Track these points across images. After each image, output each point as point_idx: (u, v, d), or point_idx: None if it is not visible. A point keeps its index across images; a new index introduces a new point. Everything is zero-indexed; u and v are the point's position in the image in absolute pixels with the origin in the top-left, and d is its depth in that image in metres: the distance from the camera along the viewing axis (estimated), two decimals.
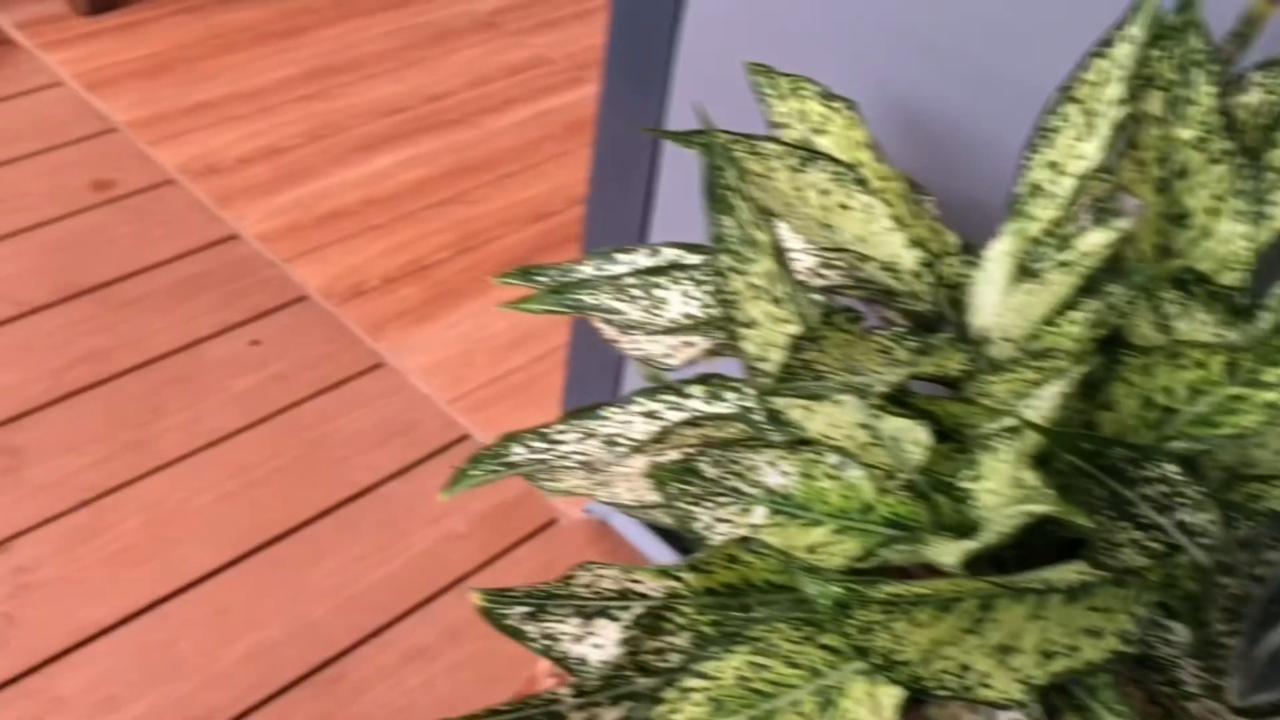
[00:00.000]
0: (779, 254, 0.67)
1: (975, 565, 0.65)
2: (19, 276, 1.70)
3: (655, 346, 0.85)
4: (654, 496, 0.82)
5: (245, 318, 1.70)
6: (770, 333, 0.66)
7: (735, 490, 0.74)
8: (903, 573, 0.79)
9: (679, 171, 1.20)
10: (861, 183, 0.73)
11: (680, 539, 1.40)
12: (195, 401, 1.57)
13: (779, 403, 0.68)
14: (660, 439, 0.72)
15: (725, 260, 0.66)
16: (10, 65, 2.10)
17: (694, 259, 0.88)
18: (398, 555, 1.43)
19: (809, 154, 0.74)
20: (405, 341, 1.71)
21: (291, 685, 1.29)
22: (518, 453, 0.75)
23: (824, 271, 0.83)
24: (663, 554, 1.41)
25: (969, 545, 0.61)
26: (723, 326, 0.80)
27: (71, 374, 1.57)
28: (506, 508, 1.50)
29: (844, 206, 0.74)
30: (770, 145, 0.74)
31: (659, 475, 0.74)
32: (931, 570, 0.77)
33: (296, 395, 1.60)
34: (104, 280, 1.72)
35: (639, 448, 0.73)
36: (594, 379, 1.40)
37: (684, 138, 0.74)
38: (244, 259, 1.80)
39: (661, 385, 0.79)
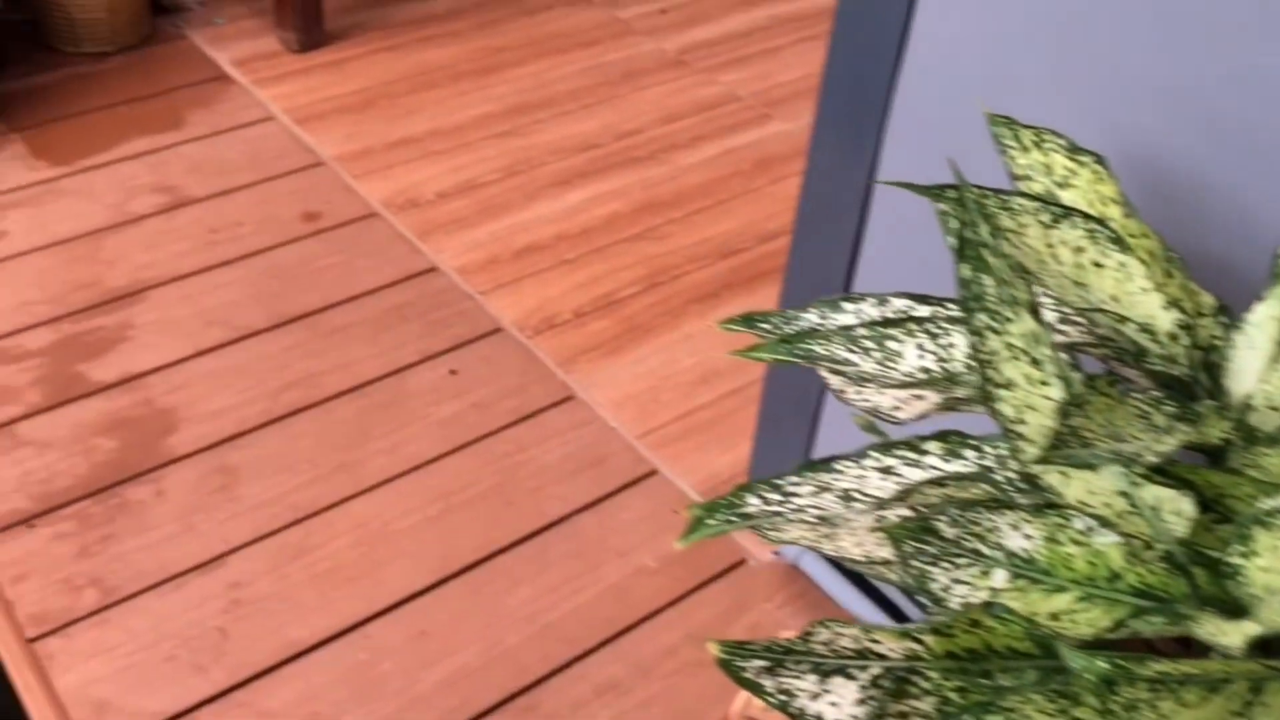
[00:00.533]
0: (1038, 313, 0.66)
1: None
2: (236, 302, 1.80)
3: (883, 399, 0.84)
4: (883, 552, 0.81)
5: (445, 347, 1.76)
6: (1029, 395, 0.64)
7: (975, 552, 0.72)
8: (1148, 645, 0.76)
9: (890, 218, 1.19)
10: (1117, 241, 0.72)
11: (872, 589, 1.38)
12: (399, 427, 1.62)
13: (1037, 468, 0.66)
14: (903, 497, 0.72)
15: (981, 319, 0.66)
16: (227, 100, 2.22)
17: (924, 311, 0.87)
18: (589, 587, 1.45)
19: (1061, 210, 0.72)
20: (595, 375, 1.74)
21: (487, 712, 1.32)
22: (752, 503, 0.76)
23: (1063, 328, 0.81)
24: (855, 602, 1.39)
25: (1252, 629, 0.58)
26: (960, 382, 0.79)
27: (284, 397, 1.65)
28: (696, 545, 1.50)
29: (1098, 265, 0.72)
30: (1022, 200, 0.73)
31: (895, 533, 0.74)
32: (1180, 645, 0.74)
33: (493, 424, 1.65)
34: (314, 308, 1.80)
35: (881, 505, 0.73)
36: (788, 420, 1.40)
37: (933, 191, 0.74)
38: (443, 290, 1.86)
39: (897, 440, 0.78)
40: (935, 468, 0.76)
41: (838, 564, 1.40)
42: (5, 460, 1.53)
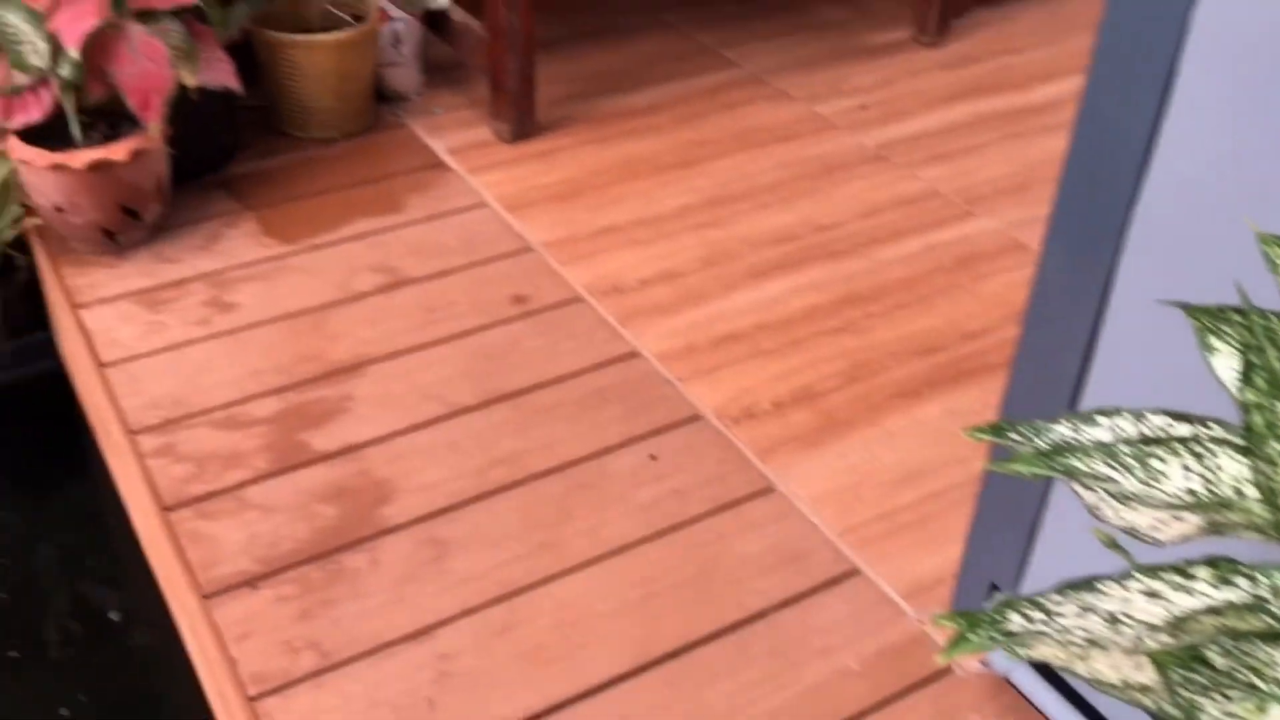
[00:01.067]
0: None
1: None
2: (449, 379, 1.87)
3: (1142, 518, 0.82)
4: (1141, 677, 0.79)
5: (645, 432, 1.79)
6: None
7: (1250, 685, 0.70)
8: None
9: (1128, 328, 1.17)
10: None
11: (1090, 709, 1.33)
12: (600, 509, 1.65)
13: None
14: (1177, 625, 0.69)
15: (1274, 448, 0.64)
16: (443, 186, 2.33)
17: (1184, 430, 0.84)
18: (789, 686, 1.44)
19: None
20: (794, 468, 1.74)
21: None
22: (1016, 621, 0.74)
23: None
24: None
25: None
26: (1231, 507, 0.76)
27: (492, 473, 1.70)
28: (899, 649, 1.48)
29: None
30: None
31: (1164, 659, 0.71)
32: None
33: (692, 512, 1.66)
34: (521, 387, 1.85)
35: (1155, 631, 0.71)
36: (1004, 529, 1.37)
37: (1212, 313, 0.72)
38: (644, 376, 1.89)
39: (1162, 564, 0.76)
40: (1205, 594, 0.74)
41: (1057, 680, 1.35)
42: (234, 523, 1.62)
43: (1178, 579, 0.75)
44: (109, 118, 2.07)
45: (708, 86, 2.68)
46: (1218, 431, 0.83)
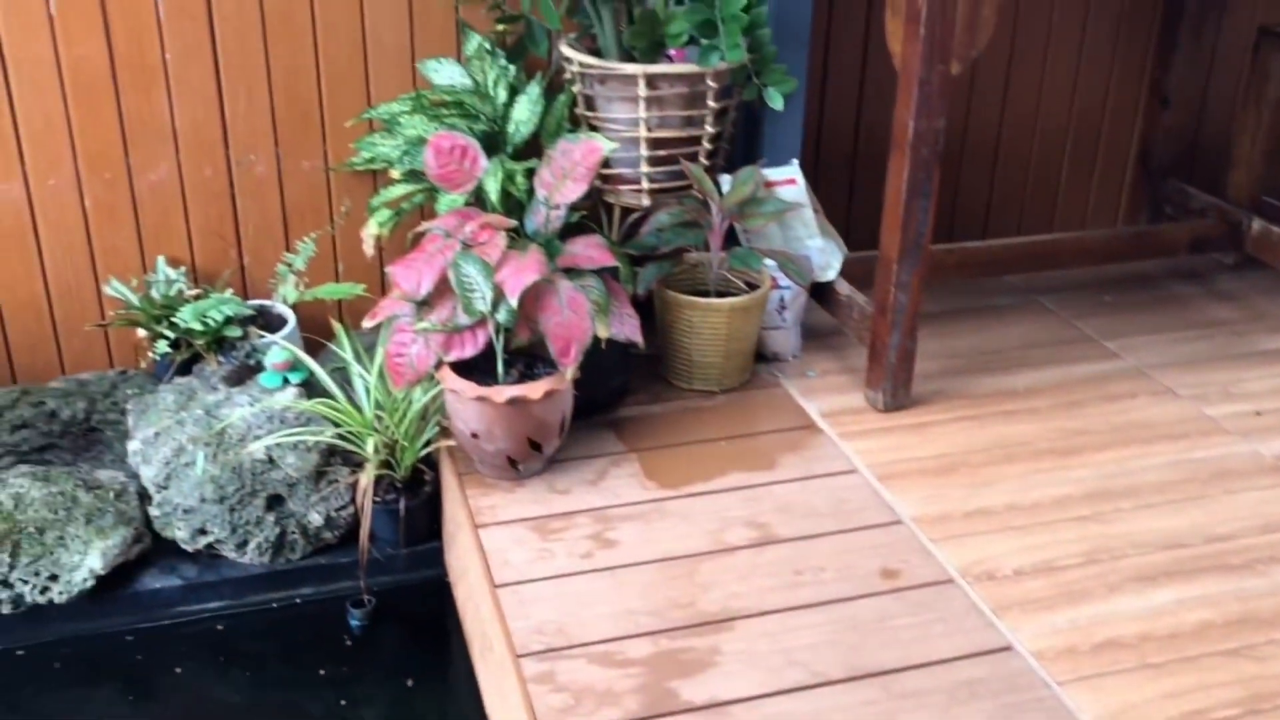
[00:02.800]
0: None
1: None
2: (815, 646, 1.87)
3: None
4: None
5: None
6: None
7: None
8: None
9: None
10: None
11: None
12: None
13: None
14: None
15: None
16: (815, 448, 2.40)
17: None
18: None
19: None
20: None
21: None
22: None
23: None
24: None
25: None
26: None
27: None
28: None
29: None
30: None
31: None
32: None
33: None
34: (888, 667, 1.83)
35: None
36: None
37: None
38: (1018, 673, 1.82)
39: None
40: None
41: None
42: None
43: None
44: (526, 357, 2.29)
45: (1088, 376, 2.65)
46: None
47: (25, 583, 2.22)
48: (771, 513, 2.19)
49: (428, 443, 2.37)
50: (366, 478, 2.29)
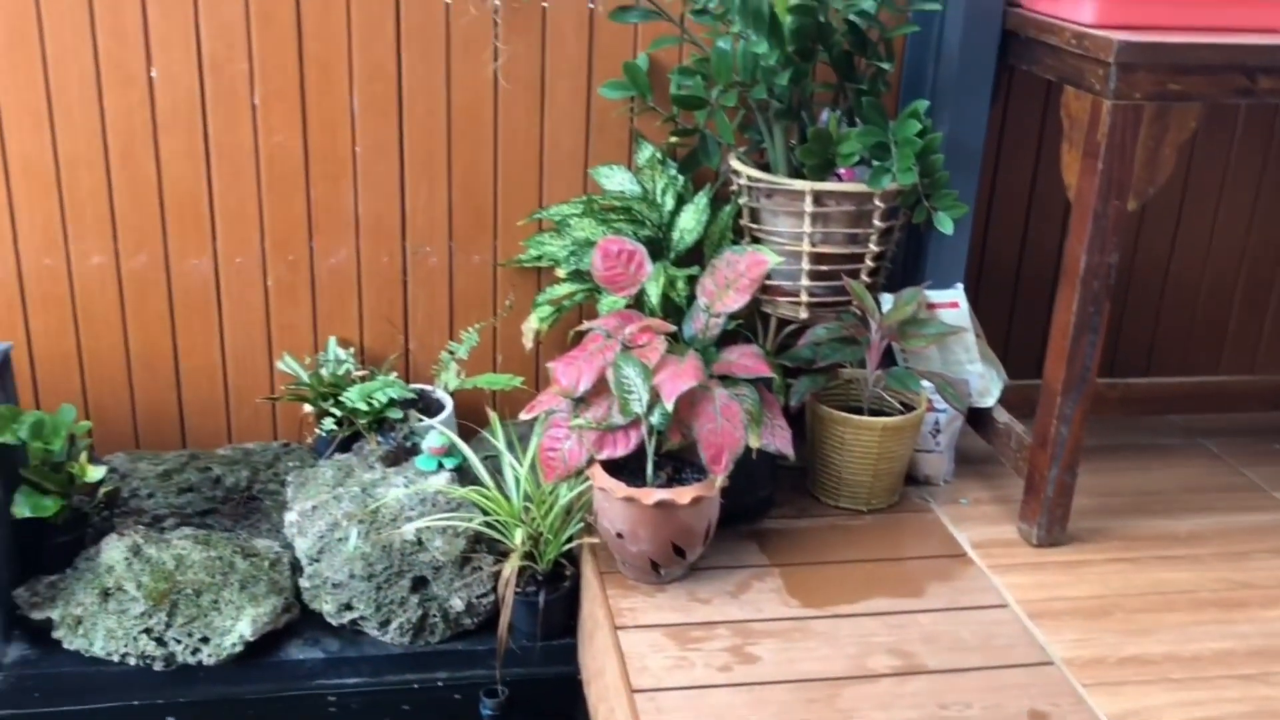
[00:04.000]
0: None
1: None
2: None
3: None
4: None
5: None
6: None
7: None
8: None
9: None
10: None
11: None
12: None
13: None
14: None
15: None
16: (964, 578, 2.34)
17: None
18: None
19: None
20: None
21: None
22: None
23: None
24: None
25: None
26: None
27: None
28: None
29: None
30: None
31: None
32: None
33: None
34: None
35: None
36: None
37: None
38: None
39: None
40: None
41: None
42: None
43: None
44: (675, 461, 2.31)
45: (1254, 526, 2.54)
46: None
47: (179, 642, 2.30)
48: (917, 641, 2.14)
49: (570, 538, 2.39)
50: (511, 568, 2.32)
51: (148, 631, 2.30)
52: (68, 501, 2.41)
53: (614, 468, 2.27)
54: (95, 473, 2.45)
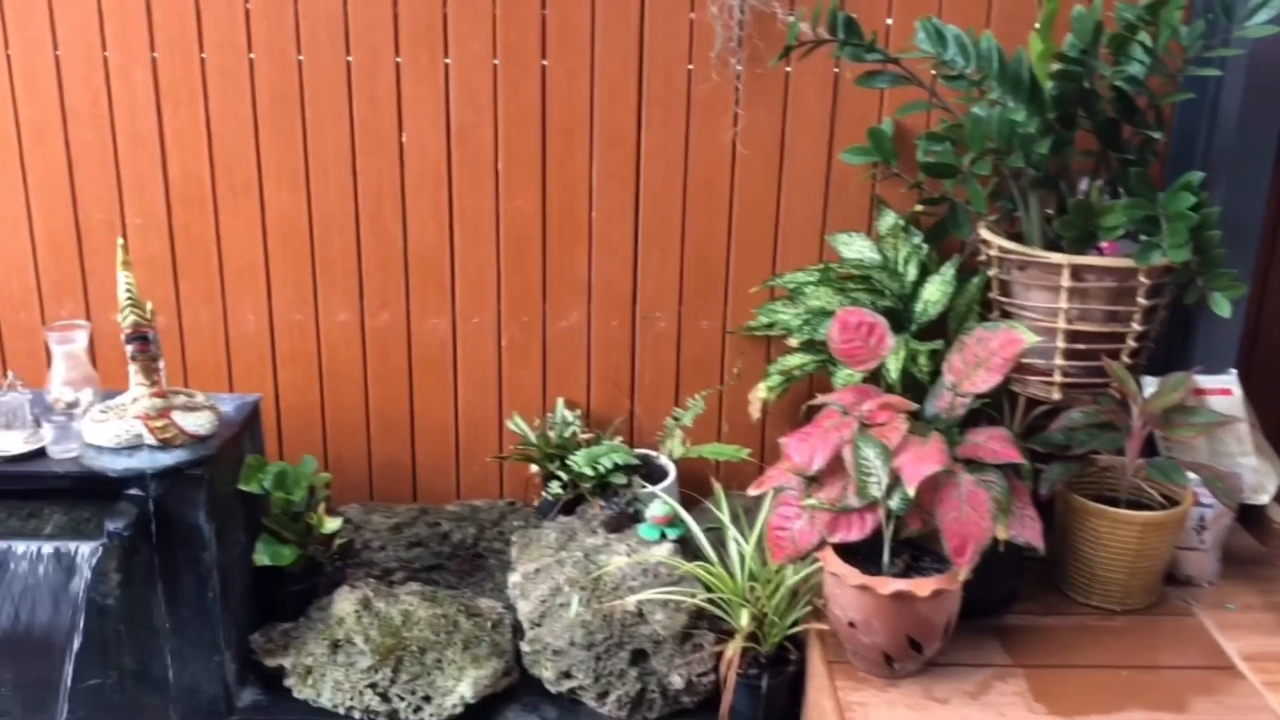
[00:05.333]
0: None
1: None
2: None
3: None
4: None
5: None
6: None
7: None
8: None
9: None
10: None
11: None
12: None
13: None
14: None
15: None
16: (1233, 694, 2.11)
17: None
18: None
19: None
20: None
21: None
22: None
23: None
24: None
25: None
26: None
27: None
28: None
29: None
30: None
31: None
32: None
33: None
34: None
35: None
36: None
37: None
38: None
39: None
40: None
41: None
42: None
43: None
44: (912, 548, 2.18)
45: None
46: None
47: (402, 699, 2.31)
48: None
49: (795, 622, 2.29)
50: (734, 648, 2.23)
51: (373, 686, 2.32)
52: (304, 551, 2.48)
53: (846, 551, 2.15)
54: (332, 524, 2.51)
